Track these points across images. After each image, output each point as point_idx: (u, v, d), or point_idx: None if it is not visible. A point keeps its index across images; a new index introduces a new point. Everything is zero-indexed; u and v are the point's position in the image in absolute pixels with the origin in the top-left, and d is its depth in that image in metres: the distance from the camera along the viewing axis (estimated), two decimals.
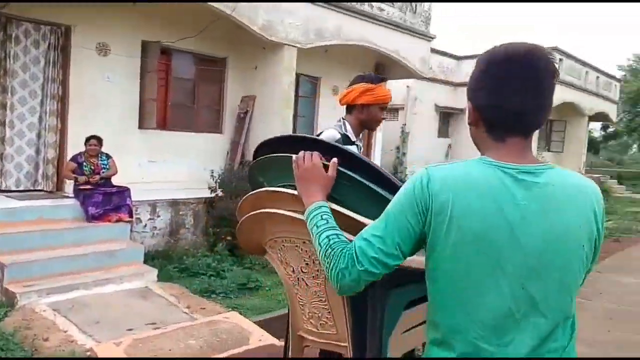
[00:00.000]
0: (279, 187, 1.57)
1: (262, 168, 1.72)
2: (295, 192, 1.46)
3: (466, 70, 16.33)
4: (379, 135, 11.47)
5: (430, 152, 15.53)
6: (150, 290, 5.17)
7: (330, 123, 2.67)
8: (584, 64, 16.96)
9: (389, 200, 1.44)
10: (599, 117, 19.40)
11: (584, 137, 18.82)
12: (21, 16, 6.32)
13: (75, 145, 6.49)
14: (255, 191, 1.63)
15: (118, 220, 5.81)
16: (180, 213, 6.68)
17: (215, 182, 7.02)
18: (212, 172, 7.18)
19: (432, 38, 10.64)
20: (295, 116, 8.72)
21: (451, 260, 1.10)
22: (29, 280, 4.77)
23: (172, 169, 7.70)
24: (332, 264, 1.16)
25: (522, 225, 1.08)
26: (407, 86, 14.36)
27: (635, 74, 27.34)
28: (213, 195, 6.94)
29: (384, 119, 2.56)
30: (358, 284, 1.15)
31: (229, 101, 8.52)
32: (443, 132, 16.45)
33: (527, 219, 1.08)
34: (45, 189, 6.61)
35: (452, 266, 1.10)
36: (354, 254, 1.14)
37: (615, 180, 20.89)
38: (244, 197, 1.68)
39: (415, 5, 10.21)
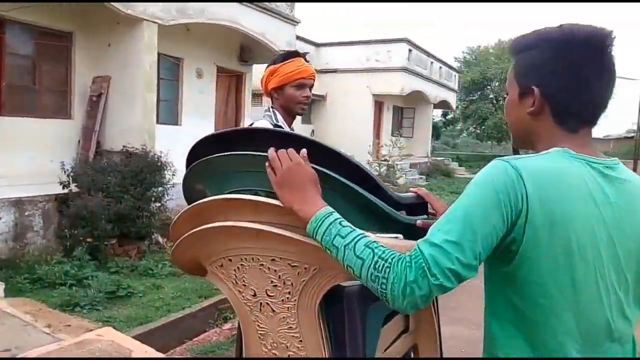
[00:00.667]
0: (230, 194, 1.24)
1: (202, 174, 1.35)
2: (259, 199, 1.15)
3: (325, 58, 16.73)
4: (247, 121, 11.10)
5: None
6: None
7: (258, 115, 2.33)
8: (429, 55, 18.42)
9: (375, 206, 1.21)
10: (442, 104, 21.35)
11: (430, 123, 20.58)
12: None
13: None
14: (198, 202, 1.26)
15: None
16: (26, 214, 5.65)
17: (68, 176, 6.07)
18: (63, 164, 6.20)
19: (297, 22, 10.54)
20: (157, 100, 7.95)
21: (554, 272, 0.95)
22: None
23: (10, 161, 6.50)
24: (392, 277, 0.91)
25: (616, 226, 0.99)
26: None
27: (468, 65, 30.72)
28: (66, 191, 6.00)
29: (306, 97, 2.21)
30: (427, 301, 0.92)
31: (77, 82, 7.44)
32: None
33: (620, 219, 0.99)
34: None
35: (554, 279, 0.96)
36: (424, 264, 0.89)
37: (456, 163, 23.29)
38: (183, 211, 1.30)
39: None
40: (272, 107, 2.22)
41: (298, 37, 14.73)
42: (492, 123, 29.21)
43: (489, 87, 31.93)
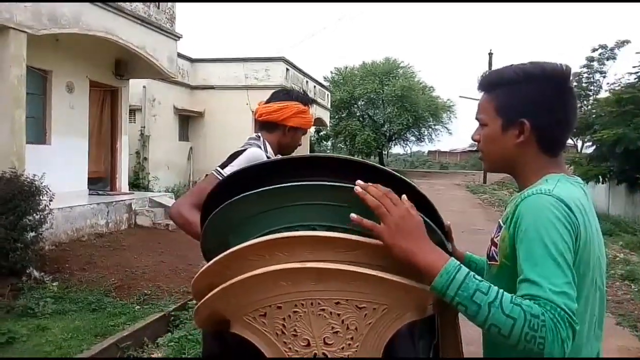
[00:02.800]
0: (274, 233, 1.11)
1: (235, 215, 1.18)
2: (320, 233, 1.07)
3: (202, 74, 16.32)
4: (124, 138, 10.36)
5: (172, 155, 14.94)
6: None
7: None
8: (305, 74, 18.94)
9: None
10: (318, 122, 21.99)
11: (308, 140, 21.06)
12: None
13: None
14: (249, 243, 1.10)
15: None
16: None
17: None
18: None
19: (179, 37, 10.18)
20: None
21: (590, 285, 1.13)
22: None
23: None
24: (549, 335, 0.91)
25: (598, 237, 1.17)
26: (144, 86, 13.45)
27: (336, 85, 32.15)
28: None
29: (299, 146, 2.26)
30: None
31: None
32: (183, 135, 16.02)
33: (598, 231, 1.18)
34: None
35: (589, 290, 1.13)
36: (567, 316, 0.93)
37: None
38: (217, 259, 1.13)
39: (159, 2, 9.57)
40: (261, 137, 2.10)
41: None
42: (362, 139, 30.88)
43: (356, 105, 33.76)
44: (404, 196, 1.08)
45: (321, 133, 29.78)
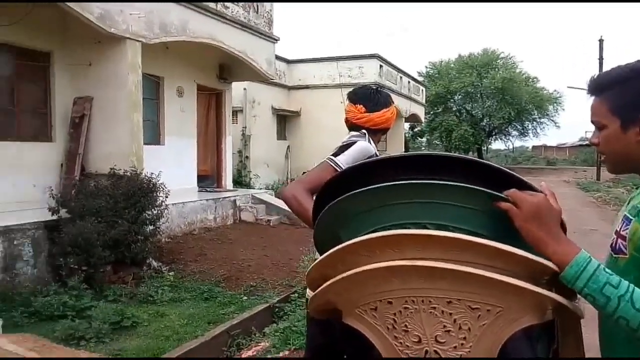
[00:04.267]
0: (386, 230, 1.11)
1: (351, 209, 1.19)
2: (432, 232, 1.05)
3: (298, 74, 16.73)
4: (228, 138, 10.92)
5: (271, 154, 15.48)
6: None
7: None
8: (399, 70, 18.72)
9: None
10: (412, 118, 21.70)
11: (402, 136, 20.83)
12: None
13: None
14: (361, 239, 1.11)
15: None
16: (15, 243, 5.30)
17: (56, 201, 5.76)
18: (51, 189, 5.88)
19: (277, 40, 10.50)
20: None
21: None
22: None
23: None
24: None
25: None
26: (244, 88, 14.06)
27: (432, 80, 31.41)
28: (55, 217, 5.67)
29: None
30: None
31: (58, 103, 7.11)
32: (281, 134, 16.53)
33: None
34: None
35: None
36: None
37: None
38: (327, 255, 1.15)
39: (258, 6, 9.93)
40: (366, 134, 2.17)
41: None
42: (459, 134, 29.84)
43: (452, 100, 32.71)
44: (543, 183, 1.11)
45: (416, 129, 29.27)
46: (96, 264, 5.44)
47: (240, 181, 13.28)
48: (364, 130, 2.18)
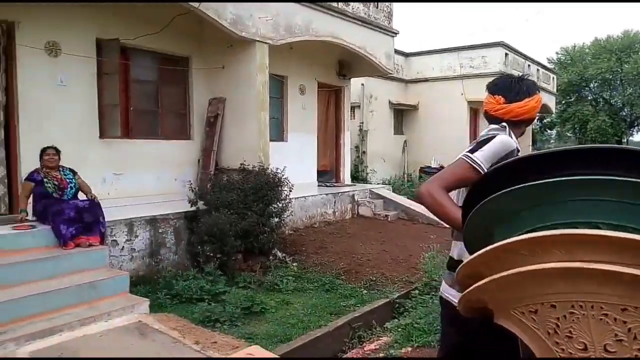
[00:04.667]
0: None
1: (512, 207, 1.16)
2: (610, 233, 0.98)
3: (415, 67, 16.43)
4: (346, 134, 11.10)
5: (388, 148, 15.43)
6: (146, 326, 4.42)
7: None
8: (526, 57, 17.54)
9: None
10: (542, 109, 20.21)
11: (530, 129, 19.52)
12: None
13: (28, 161, 5.55)
14: (525, 237, 1.07)
15: (89, 246, 4.98)
16: (160, 231, 5.92)
17: (195, 194, 6.31)
18: (190, 183, 6.46)
19: (396, 33, 10.41)
20: None
21: None
22: (1, 326, 3.91)
23: (140, 181, 6.90)
24: None
25: None
26: (362, 84, 14.15)
27: (563, 67, 28.97)
28: (194, 208, 6.23)
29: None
30: None
31: (195, 104, 7.79)
32: (398, 128, 16.39)
33: None
34: None
35: None
36: None
37: None
38: (483, 252, 1.13)
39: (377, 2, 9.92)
40: (506, 127, 2.05)
41: None
42: (595, 126, 27.18)
43: (587, 88, 29.88)
44: None
45: (544, 121, 27.19)
46: (229, 253, 5.88)
47: (356, 176, 13.43)
48: (504, 123, 2.05)
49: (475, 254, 1.16)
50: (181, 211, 6.19)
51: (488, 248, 1.12)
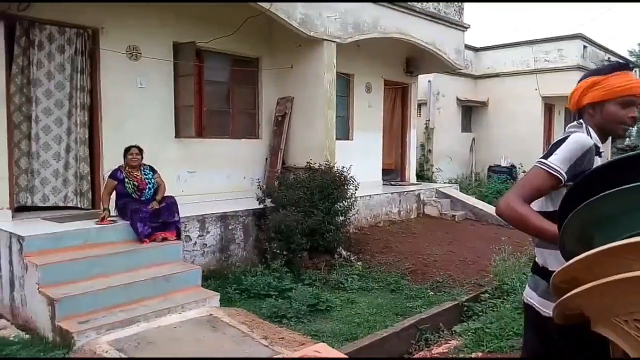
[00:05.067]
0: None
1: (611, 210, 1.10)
2: None
3: (486, 62, 15.87)
4: (412, 132, 10.94)
5: (455, 147, 15.04)
6: (217, 319, 4.53)
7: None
8: (607, 50, 16.48)
9: None
10: None
11: None
12: (43, 19, 5.73)
13: (110, 159, 5.92)
14: (631, 240, 1.02)
15: (164, 239, 5.23)
16: (230, 227, 6.12)
17: (263, 192, 6.46)
18: (259, 182, 6.62)
19: (467, 27, 10.10)
20: None
21: None
22: (83, 316, 4.20)
23: (211, 179, 7.15)
24: None
25: None
26: (429, 81, 13.86)
27: None
28: (261, 206, 6.38)
29: (632, 117, 1.87)
30: None
31: (264, 104, 7.96)
32: (466, 126, 15.92)
33: None
34: (80, 206, 6.02)
35: None
36: None
37: None
38: (582, 257, 1.08)
39: None
40: (583, 123, 1.94)
41: None
42: None
43: None
44: None
45: None
46: (295, 250, 5.97)
47: (422, 175, 13.19)
48: (581, 120, 1.93)
49: (574, 259, 1.11)
50: (249, 208, 6.37)
51: (589, 252, 1.07)
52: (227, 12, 6.94)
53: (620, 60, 19.46)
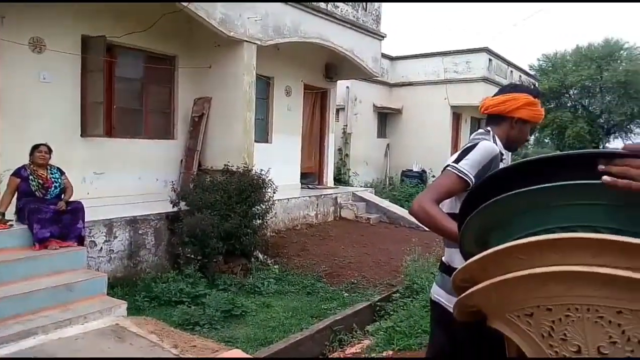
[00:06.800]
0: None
1: (502, 211, 1.18)
2: (608, 237, 0.99)
3: (401, 71, 16.53)
4: (331, 136, 11.12)
5: (371, 152, 15.49)
6: (123, 329, 4.38)
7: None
8: (509, 63, 17.77)
9: None
10: None
11: None
12: None
13: (8, 159, 5.44)
14: (523, 241, 1.09)
15: (65, 246, 4.88)
16: (140, 232, 5.86)
17: (177, 195, 6.26)
18: (173, 184, 6.40)
19: (384, 37, 10.45)
20: None
21: None
22: None
23: (121, 181, 6.80)
24: None
25: None
26: (347, 87, 14.18)
27: (545, 73, 29.42)
28: (175, 209, 6.18)
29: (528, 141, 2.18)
30: None
31: (180, 104, 7.71)
32: (381, 132, 16.46)
33: None
34: None
35: None
36: None
37: None
38: (479, 257, 1.15)
39: (366, 4, 9.96)
40: (490, 131, 2.09)
41: None
42: (573, 132, 27.68)
43: (567, 95, 30.38)
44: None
45: None
46: (210, 254, 5.84)
47: (339, 179, 13.45)
48: (488, 128, 2.10)
49: (472, 259, 1.18)
50: (162, 212, 6.14)
51: (484, 253, 1.13)
52: (143, 7, 6.66)
53: (527, 72, 21.09)
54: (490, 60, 16.04)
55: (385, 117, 16.72)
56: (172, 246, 6.03)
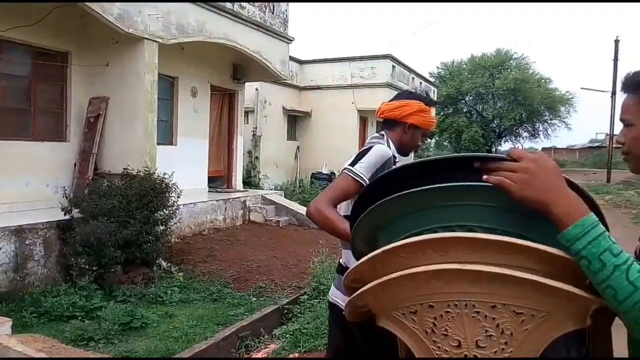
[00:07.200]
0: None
1: (388, 213, 1.20)
2: (480, 235, 1.04)
3: (309, 75, 16.73)
4: (239, 139, 10.95)
5: (281, 154, 15.51)
6: (7, 348, 3.97)
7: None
8: (411, 70, 18.64)
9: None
10: None
11: None
12: None
13: None
14: (406, 241, 1.12)
15: None
16: (27, 242, 5.37)
17: (69, 201, 5.82)
18: (64, 189, 5.95)
19: (291, 40, 10.50)
20: None
21: None
22: None
23: (3, 187, 6.19)
24: None
25: None
26: (256, 89, 14.09)
27: (443, 80, 31.29)
28: (67, 217, 5.74)
29: (419, 146, 2.29)
30: None
31: (74, 103, 7.18)
32: (291, 134, 16.54)
33: None
34: None
35: None
36: None
37: None
38: (366, 259, 1.16)
39: (274, 6, 9.95)
40: (384, 135, 2.14)
41: None
42: (469, 136, 29.70)
43: (463, 101, 32.54)
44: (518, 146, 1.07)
45: None
46: (107, 264, 5.50)
47: (249, 182, 13.32)
48: (382, 132, 2.18)
49: (360, 261, 1.20)
50: (52, 220, 5.68)
51: (372, 254, 1.16)
52: None
53: (428, 79, 22.24)
54: (393, 66, 16.72)
55: (295, 120, 16.83)
56: (64, 257, 5.59)
